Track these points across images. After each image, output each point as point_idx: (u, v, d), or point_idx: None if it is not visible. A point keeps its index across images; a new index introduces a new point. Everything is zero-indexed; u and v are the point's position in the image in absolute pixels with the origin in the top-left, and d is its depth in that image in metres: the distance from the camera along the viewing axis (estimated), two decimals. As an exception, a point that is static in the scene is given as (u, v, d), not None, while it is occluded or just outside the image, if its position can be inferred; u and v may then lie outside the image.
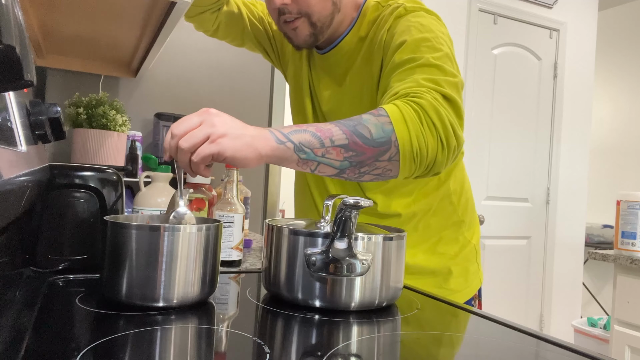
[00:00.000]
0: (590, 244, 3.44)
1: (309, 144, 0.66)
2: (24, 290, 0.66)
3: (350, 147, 0.67)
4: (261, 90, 2.12)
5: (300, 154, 0.66)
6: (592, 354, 0.52)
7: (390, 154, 0.69)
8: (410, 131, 0.69)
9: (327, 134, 0.67)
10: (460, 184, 1.05)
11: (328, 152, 0.67)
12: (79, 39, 1.41)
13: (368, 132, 0.68)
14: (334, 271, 0.62)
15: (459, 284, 1.05)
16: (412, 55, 0.79)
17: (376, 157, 0.69)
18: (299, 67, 1.07)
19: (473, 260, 1.08)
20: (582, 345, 0.55)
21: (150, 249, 0.60)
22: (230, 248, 0.94)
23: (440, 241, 1.03)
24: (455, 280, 1.04)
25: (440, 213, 1.02)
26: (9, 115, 0.50)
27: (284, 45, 1.11)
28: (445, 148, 0.71)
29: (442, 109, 0.71)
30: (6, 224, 0.47)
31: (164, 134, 1.77)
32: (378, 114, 0.70)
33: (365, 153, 0.68)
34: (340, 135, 0.67)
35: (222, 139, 0.62)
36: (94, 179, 0.81)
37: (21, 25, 0.38)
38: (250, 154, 0.63)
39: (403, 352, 0.53)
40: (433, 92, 0.73)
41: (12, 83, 0.34)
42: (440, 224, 1.02)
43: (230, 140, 0.62)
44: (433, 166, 0.72)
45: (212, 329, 0.55)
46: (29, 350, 0.45)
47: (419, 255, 1.01)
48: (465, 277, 1.06)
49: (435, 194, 1.01)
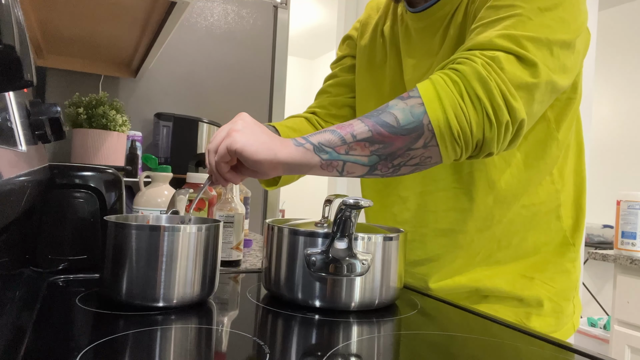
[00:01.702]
0: (590, 244, 3.44)
1: (329, 142, 0.61)
2: (24, 290, 0.66)
3: (375, 139, 0.60)
4: (261, 91, 2.12)
5: (321, 155, 0.61)
6: (592, 354, 0.52)
7: (425, 139, 0.60)
8: (447, 109, 0.59)
9: (348, 130, 0.61)
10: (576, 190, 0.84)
11: (352, 148, 0.61)
12: (79, 39, 1.41)
13: (394, 119, 0.60)
14: (334, 271, 0.62)
15: (547, 324, 0.81)
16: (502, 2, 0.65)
17: (408, 146, 0.60)
18: (377, 35, 0.92)
19: (570, 298, 0.84)
20: (582, 345, 0.55)
21: (150, 249, 0.60)
22: (230, 248, 0.94)
23: (536, 263, 0.81)
24: (542, 320, 0.81)
25: (541, 225, 0.81)
26: (9, 115, 0.50)
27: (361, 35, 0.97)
28: (494, 124, 0.59)
29: (492, 76, 0.59)
30: (6, 224, 0.47)
31: (164, 134, 1.77)
32: (408, 96, 0.61)
33: (394, 143, 0.60)
34: (362, 128, 0.60)
35: (236, 132, 0.62)
36: (94, 179, 0.81)
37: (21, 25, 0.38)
38: (264, 152, 0.61)
39: (403, 352, 0.53)
40: (500, 54, 0.60)
41: (12, 83, 0.34)
42: (540, 240, 0.81)
43: (244, 135, 0.62)
44: (482, 146, 0.61)
45: (212, 329, 0.55)
46: (29, 350, 0.45)
47: (502, 275, 0.81)
48: (558, 316, 0.82)
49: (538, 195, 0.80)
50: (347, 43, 1.01)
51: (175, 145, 1.77)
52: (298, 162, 0.61)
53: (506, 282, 0.80)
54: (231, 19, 2.04)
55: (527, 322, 0.80)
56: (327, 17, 4.50)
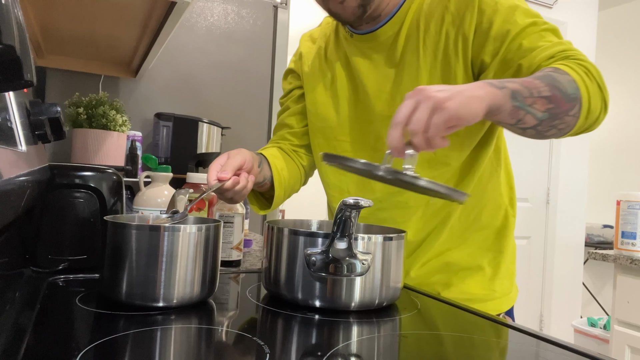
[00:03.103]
0: (590, 244, 3.44)
1: (520, 92, 0.66)
2: (24, 290, 0.66)
3: (552, 99, 0.67)
4: (261, 90, 2.12)
5: (514, 102, 0.65)
6: (592, 354, 0.52)
7: (575, 110, 0.70)
8: (589, 90, 0.71)
9: (533, 85, 0.67)
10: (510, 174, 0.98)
11: (535, 102, 0.67)
12: (79, 39, 1.41)
13: (564, 87, 0.68)
14: (334, 271, 0.62)
15: (505, 287, 0.95)
16: (533, 19, 0.78)
17: (566, 112, 0.70)
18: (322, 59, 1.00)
19: (514, 261, 0.99)
20: (582, 345, 0.55)
21: (150, 249, 0.60)
22: (230, 248, 0.94)
23: (490, 229, 0.93)
24: (501, 282, 0.94)
25: (493, 199, 0.93)
26: (9, 115, 0.50)
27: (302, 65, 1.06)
28: (604, 111, 0.74)
29: (599, 72, 0.73)
30: (6, 224, 0.47)
31: (164, 134, 1.77)
32: (559, 72, 0.70)
33: (561, 107, 0.69)
34: (544, 87, 0.67)
35: (447, 102, 0.59)
36: (94, 179, 0.81)
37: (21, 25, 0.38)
38: (477, 104, 0.62)
39: (403, 352, 0.53)
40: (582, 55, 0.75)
41: (12, 83, 0.34)
42: (493, 210, 0.93)
43: (455, 101, 0.60)
44: (592, 125, 0.75)
45: (212, 329, 0.55)
46: (29, 350, 0.45)
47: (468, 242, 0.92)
48: (510, 278, 0.97)
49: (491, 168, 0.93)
50: (292, 76, 1.08)
51: (175, 145, 1.77)
52: (496, 106, 0.64)
53: (468, 254, 0.92)
54: (231, 19, 2.04)
55: (492, 285, 0.92)
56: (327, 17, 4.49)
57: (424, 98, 0.60)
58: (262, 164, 0.92)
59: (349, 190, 0.97)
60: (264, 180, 0.93)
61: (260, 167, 0.90)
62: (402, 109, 0.61)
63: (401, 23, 0.87)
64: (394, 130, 0.61)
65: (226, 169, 0.76)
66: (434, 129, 0.59)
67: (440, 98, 0.59)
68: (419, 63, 0.86)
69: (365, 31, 0.90)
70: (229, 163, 0.77)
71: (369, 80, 0.92)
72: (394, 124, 0.61)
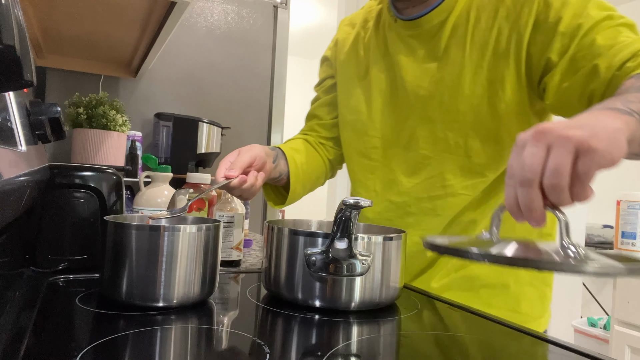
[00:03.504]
0: (590, 244, 3.44)
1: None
2: (24, 290, 0.66)
3: None
4: (261, 90, 2.12)
5: None
6: (592, 354, 0.52)
7: None
8: None
9: None
10: None
11: None
12: (79, 39, 1.41)
13: None
14: (334, 271, 0.62)
15: (534, 310, 0.86)
16: (608, 13, 0.69)
17: None
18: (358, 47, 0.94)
19: (549, 282, 0.90)
20: (582, 345, 0.56)
21: (150, 249, 0.60)
22: (230, 248, 0.94)
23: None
24: (530, 304, 0.85)
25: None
26: (9, 115, 0.50)
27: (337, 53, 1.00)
28: None
29: None
30: (6, 224, 0.47)
31: (164, 134, 1.77)
32: None
33: None
34: None
35: (591, 141, 0.44)
36: (94, 179, 0.81)
37: (21, 25, 0.38)
38: (622, 138, 0.47)
39: (403, 352, 0.53)
40: None
41: (12, 83, 0.34)
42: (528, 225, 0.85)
43: (602, 139, 0.44)
44: None
45: (212, 329, 0.55)
46: (29, 350, 0.45)
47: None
48: (542, 301, 0.88)
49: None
50: (326, 64, 1.04)
51: (175, 145, 1.77)
52: (632, 134, 0.51)
53: (493, 269, 0.83)
54: (231, 19, 2.04)
55: (517, 308, 0.83)
56: (327, 17, 4.49)
57: (557, 139, 0.44)
58: (277, 159, 0.89)
59: (376, 189, 0.91)
60: (280, 176, 0.91)
61: (276, 162, 0.88)
62: (527, 158, 0.45)
63: (449, 11, 0.80)
64: (527, 189, 0.45)
65: (235, 167, 0.75)
66: (584, 179, 0.44)
67: (581, 137, 0.44)
68: (464, 60, 0.78)
69: (410, 17, 0.84)
70: (238, 160, 0.76)
71: (407, 73, 0.85)
72: (523, 181, 0.45)
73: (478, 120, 0.80)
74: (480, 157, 0.81)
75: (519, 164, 0.46)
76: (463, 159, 0.82)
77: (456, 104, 0.80)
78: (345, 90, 0.96)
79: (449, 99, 0.81)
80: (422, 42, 0.84)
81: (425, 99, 0.83)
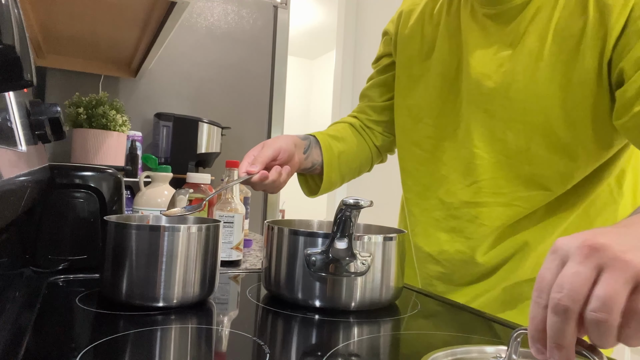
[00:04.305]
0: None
1: None
2: (24, 290, 0.66)
3: None
4: (261, 91, 2.12)
5: None
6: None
7: None
8: None
9: None
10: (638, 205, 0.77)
11: None
12: (79, 39, 1.41)
13: None
14: (334, 271, 0.62)
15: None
16: None
17: None
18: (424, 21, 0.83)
19: None
20: (582, 345, 0.54)
21: (150, 249, 0.60)
22: (230, 248, 0.94)
23: None
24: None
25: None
26: (9, 115, 0.50)
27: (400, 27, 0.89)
28: None
29: None
30: (6, 224, 0.47)
31: (164, 134, 1.77)
32: None
33: None
34: None
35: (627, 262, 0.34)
36: (94, 179, 0.81)
37: (21, 25, 0.38)
38: None
39: (403, 352, 0.53)
40: None
41: (12, 83, 0.34)
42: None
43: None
44: None
45: (212, 329, 0.55)
46: (29, 350, 0.45)
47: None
48: None
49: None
50: (384, 40, 0.94)
51: (175, 145, 1.77)
52: None
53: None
54: (231, 19, 2.04)
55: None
56: (327, 17, 4.49)
57: (613, 262, 0.34)
58: (310, 148, 0.85)
59: (424, 182, 0.84)
60: (314, 166, 0.86)
61: (308, 152, 0.83)
62: (569, 277, 0.35)
63: None
64: (561, 318, 0.34)
65: (256, 162, 0.72)
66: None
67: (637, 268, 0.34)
68: (543, 51, 0.66)
69: None
70: (261, 155, 0.73)
71: (474, 58, 0.74)
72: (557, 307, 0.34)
73: (547, 125, 0.68)
74: (543, 167, 0.70)
75: (556, 280, 0.35)
76: (524, 166, 0.71)
77: (524, 101, 0.69)
78: (404, 68, 0.86)
79: (516, 94, 0.69)
80: (498, 23, 0.72)
81: (489, 91, 0.72)
